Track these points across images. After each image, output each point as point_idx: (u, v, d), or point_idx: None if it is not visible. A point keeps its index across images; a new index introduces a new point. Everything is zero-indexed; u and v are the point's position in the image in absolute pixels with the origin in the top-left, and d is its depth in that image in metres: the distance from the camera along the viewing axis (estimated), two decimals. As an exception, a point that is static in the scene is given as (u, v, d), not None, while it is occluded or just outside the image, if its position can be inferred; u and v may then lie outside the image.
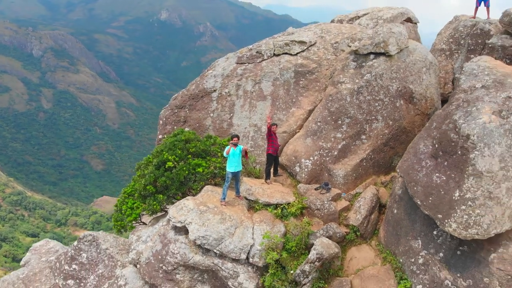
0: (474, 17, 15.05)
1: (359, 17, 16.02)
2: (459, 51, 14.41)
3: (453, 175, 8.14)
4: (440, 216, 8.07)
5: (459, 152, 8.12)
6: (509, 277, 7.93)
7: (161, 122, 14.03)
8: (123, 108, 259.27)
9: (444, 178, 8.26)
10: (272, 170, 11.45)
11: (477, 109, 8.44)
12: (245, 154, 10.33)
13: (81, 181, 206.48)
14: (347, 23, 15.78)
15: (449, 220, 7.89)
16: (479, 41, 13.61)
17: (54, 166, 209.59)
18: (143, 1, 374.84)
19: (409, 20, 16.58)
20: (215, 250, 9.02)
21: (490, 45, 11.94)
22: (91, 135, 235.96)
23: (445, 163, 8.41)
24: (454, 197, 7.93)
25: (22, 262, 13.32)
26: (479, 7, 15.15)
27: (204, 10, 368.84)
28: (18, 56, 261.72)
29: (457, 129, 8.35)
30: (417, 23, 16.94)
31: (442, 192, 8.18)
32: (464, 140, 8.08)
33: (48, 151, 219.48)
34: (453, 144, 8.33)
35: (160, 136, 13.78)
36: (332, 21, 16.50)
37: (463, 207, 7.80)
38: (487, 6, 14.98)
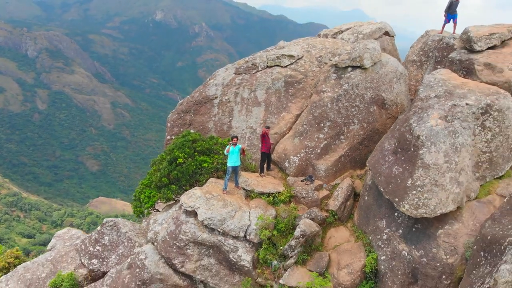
0: (441, 32, 17.24)
1: (342, 31, 18.22)
2: (428, 62, 16.65)
3: (407, 167, 10.34)
4: (397, 199, 10.26)
5: (412, 149, 10.33)
6: (452, 247, 10.13)
7: (169, 124, 16.12)
8: (118, 108, 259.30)
9: (401, 170, 10.47)
10: (265, 165, 13.61)
11: (427, 115, 10.65)
12: (242, 152, 12.44)
13: (77, 182, 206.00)
14: (331, 37, 17.98)
15: (403, 202, 10.08)
16: (445, 53, 15.82)
17: (49, 167, 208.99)
18: (138, 2, 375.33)
19: (386, 33, 18.80)
20: (219, 229, 11.16)
21: (450, 59, 14.15)
22: (86, 136, 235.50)
23: (402, 158, 10.61)
24: (407, 184, 10.13)
25: (48, 247, 15.39)
26: (447, 24, 17.35)
27: (199, 10, 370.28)
28: (13, 56, 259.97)
29: (411, 131, 10.55)
30: (394, 36, 19.15)
31: (399, 181, 10.38)
32: (415, 139, 10.28)
33: (43, 152, 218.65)
34: (408, 142, 10.54)
35: (168, 137, 15.89)
36: (319, 35, 18.70)
37: (414, 192, 10.00)
38: (455, 22, 17.19)
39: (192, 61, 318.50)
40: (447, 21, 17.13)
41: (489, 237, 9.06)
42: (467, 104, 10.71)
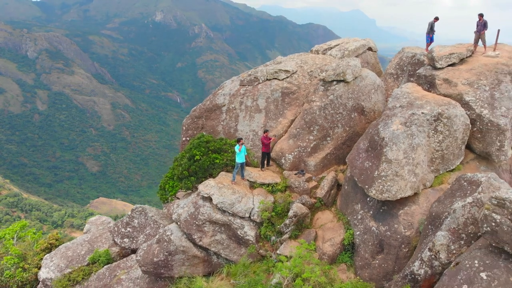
0: (427, 50, 19.78)
1: (331, 47, 21.38)
2: (403, 75, 19.82)
3: (375, 162, 13.48)
4: (367, 186, 13.40)
5: (379, 148, 13.47)
6: (410, 223, 13.26)
7: (184, 128, 19.26)
8: (118, 109, 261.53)
9: (370, 164, 13.62)
10: (265, 162, 16.75)
11: (391, 121, 13.80)
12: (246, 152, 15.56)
13: (77, 182, 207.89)
14: (322, 53, 21.15)
15: (371, 188, 13.21)
16: (416, 68, 19.01)
17: (49, 168, 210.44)
18: (138, 3, 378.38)
19: (370, 49, 21.98)
20: (229, 211, 14.30)
21: (417, 74, 17.30)
22: (86, 137, 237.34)
23: (372, 155, 13.77)
24: (374, 175, 13.27)
25: (84, 230, 18.52)
26: (431, 42, 20.07)
27: (199, 11, 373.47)
28: (13, 57, 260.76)
29: (378, 134, 13.70)
30: (377, 51, 22.31)
31: (369, 172, 13.53)
32: (381, 140, 13.43)
33: (43, 153, 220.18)
34: (376, 143, 13.69)
35: (183, 138, 19.04)
36: (311, 51, 21.83)
37: (380, 180, 13.13)
38: (432, 40, 20.09)
39: (191, 61, 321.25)
40: (430, 40, 19.86)
41: (434, 214, 12.23)
42: (422, 113, 13.86)
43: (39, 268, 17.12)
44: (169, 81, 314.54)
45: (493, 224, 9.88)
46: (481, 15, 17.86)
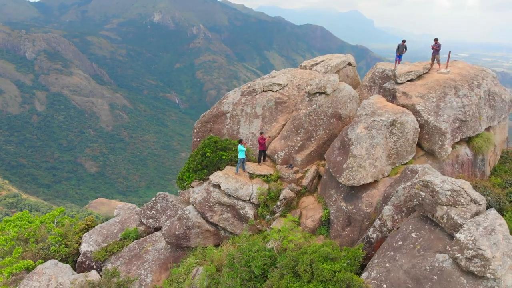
0: (395, 67, 24.17)
1: (317, 63, 25.93)
2: (375, 87, 24.36)
3: (344, 157, 17.99)
4: (338, 175, 17.90)
5: (347, 146, 17.99)
6: (370, 203, 17.74)
7: (195, 130, 23.74)
8: (116, 110, 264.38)
9: (341, 158, 18.13)
10: (262, 158, 21.23)
11: (357, 126, 18.31)
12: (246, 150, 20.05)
13: (75, 183, 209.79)
14: (309, 68, 25.70)
15: (341, 176, 17.71)
16: (385, 81, 23.55)
17: (48, 169, 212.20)
18: (136, 3, 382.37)
19: (350, 64, 26.52)
20: (233, 195, 18.79)
21: (383, 87, 21.83)
22: (84, 138, 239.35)
23: (342, 151, 18.28)
24: (343, 167, 17.77)
25: (115, 213, 22.96)
26: (400, 61, 24.48)
27: (197, 12, 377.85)
28: (11, 58, 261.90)
29: (347, 136, 18.22)
30: (355, 66, 26.87)
31: (340, 165, 18.03)
32: (348, 140, 17.95)
33: (41, 154, 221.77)
34: (345, 142, 18.20)
35: (194, 139, 23.52)
36: (300, 66, 26.35)
37: (347, 171, 17.62)
38: (400, 60, 24.53)
39: (190, 62, 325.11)
40: (397, 59, 24.37)
41: (385, 195, 16.76)
42: (381, 119, 18.39)
43: (79, 244, 21.55)
44: (168, 82, 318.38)
45: (420, 199, 14.38)
46: (436, 39, 22.42)
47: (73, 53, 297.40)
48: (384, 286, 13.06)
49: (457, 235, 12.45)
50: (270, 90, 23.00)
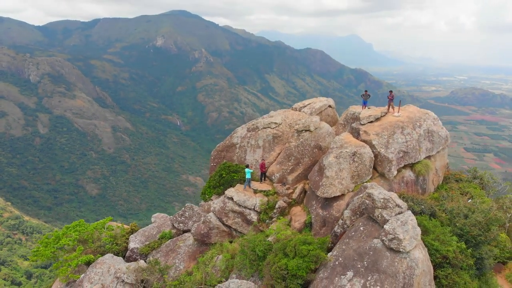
0: (363, 109, 32.91)
1: (305, 106, 34.63)
2: (347, 125, 32.95)
3: (320, 177, 26.34)
4: (316, 190, 26.19)
5: (322, 170, 26.38)
6: (339, 210, 25.93)
7: (212, 157, 32.20)
8: (118, 132, 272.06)
9: (318, 178, 26.49)
10: (263, 178, 29.57)
11: (330, 155, 26.74)
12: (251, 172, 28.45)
13: (76, 205, 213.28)
14: (299, 110, 34.39)
15: (318, 191, 25.99)
16: (355, 121, 32.11)
17: (49, 191, 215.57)
18: (139, 28, 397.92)
19: (330, 106, 35.23)
20: (242, 205, 27.04)
21: (351, 126, 30.35)
22: (86, 160, 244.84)
23: (319, 173, 26.66)
24: (320, 184, 26.07)
25: (152, 220, 31.14)
26: (366, 106, 33.26)
27: (199, 36, 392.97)
28: (15, 81, 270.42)
29: (323, 162, 26.63)
30: (334, 108, 35.58)
31: (317, 183, 26.36)
32: (323, 166, 26.37)
33: (43, 176, 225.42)
34: (321, 167, 26.60)
35: (212, 164, 31.95)
36: (292, 108, 35.02)
37: (322, 187, 25.91)
38: (366, 105, 33.23)
39: (191, 85, 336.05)
40: (363, 105, 33.17)
41: (347, 204, 25.02)
42: (346, 151, 26.82)
43: (127, 243, 29.61)
44: (169, 105, 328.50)
45: (366, 204, 22.63)
46: (391, 91, 31.16)
47: (76, 76, 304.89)
48: (340, 259, 21.18)
49: (385, 226, 20.65)
50: (269, 127, 31.59)
